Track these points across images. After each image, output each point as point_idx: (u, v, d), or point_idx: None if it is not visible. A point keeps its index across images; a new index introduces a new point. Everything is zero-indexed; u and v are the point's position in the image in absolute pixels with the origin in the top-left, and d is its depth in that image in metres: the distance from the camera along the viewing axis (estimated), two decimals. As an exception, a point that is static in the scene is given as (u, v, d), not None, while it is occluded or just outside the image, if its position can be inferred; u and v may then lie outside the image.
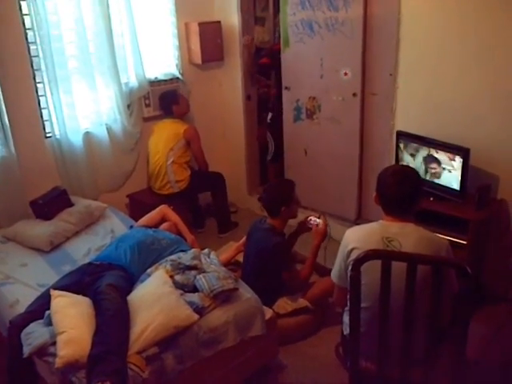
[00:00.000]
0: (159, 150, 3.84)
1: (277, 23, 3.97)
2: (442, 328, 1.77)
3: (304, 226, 2.97)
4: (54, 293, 2.21)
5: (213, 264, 2.49)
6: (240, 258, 3.04)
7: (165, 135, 3.85)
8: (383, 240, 1.84)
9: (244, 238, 3.02)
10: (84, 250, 3.00)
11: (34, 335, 2.10)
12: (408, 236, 1.84)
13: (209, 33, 4.04)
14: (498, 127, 2.80)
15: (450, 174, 2.85)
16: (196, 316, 2.16)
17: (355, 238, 1.92)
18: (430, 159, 2.96)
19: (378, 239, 1.85)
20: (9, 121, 3.14)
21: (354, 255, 1.87)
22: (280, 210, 2.79)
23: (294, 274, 2.79)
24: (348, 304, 1.90)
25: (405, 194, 1.89)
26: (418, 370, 1.77)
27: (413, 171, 2.00)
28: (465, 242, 2.72)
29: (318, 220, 2.87)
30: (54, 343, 2.02)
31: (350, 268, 1.89)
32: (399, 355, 1.72)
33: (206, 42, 4.04)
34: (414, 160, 3.04)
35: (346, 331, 2.06)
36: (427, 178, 2.97)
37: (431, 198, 2.91)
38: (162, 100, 3.96)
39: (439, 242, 1.86)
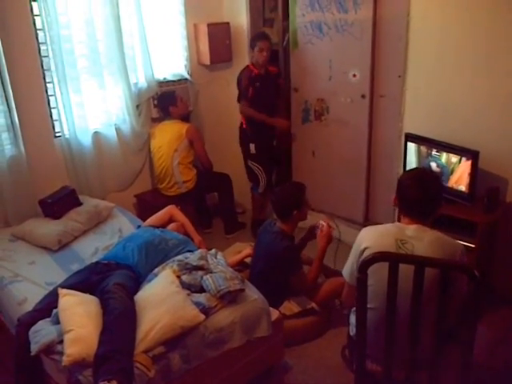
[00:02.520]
0: (164, 153, 3.83)
1: (286, 25, 3.97)
2: (448, 331, 1.76)
3: (314, 232, 2.93)
4: (61, 291, 2.21)
5: (220, 264, 2.49)
6: (247, 259, 3.04)
7: (168, 137, 3.83)
8: (397, 242, 1.82)
9: (253, 245, 3.01)
10: (92, 249, 3.02)
11: (41, 333, 2.11)
12: (422, 238, 1.82)
13: (217, 34, 4.06)
14: (507, 130, 2.78)
15: (459, 177, 2.83)
16: (202, 316, 2.17)
17: (369, 237, 1.91)
18: (438, 161, 2.94)
19: (391, 241, 1.83)
20: (18, 120, 3.17)
21: (366, 255, 1.86)
22: (291, 213, 2.76)
23: (302, 277, 2.78)
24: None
25: (423, 196, 1.87)
26: (425, 373, 1.76)
27: (434, 176, 1.99)
28: (473, 246, 2.69)
29: (321, 222, 2.85)
30: (61, 341, 2.03)
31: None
32: (406, 357, 1.71)
33: (215, 43, 4.06)
34: (423, 162, 3.03)
35: (353, 332, 2.06)
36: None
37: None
38: (159, 101, 3.94)
39: (453, 245, 1.84)
